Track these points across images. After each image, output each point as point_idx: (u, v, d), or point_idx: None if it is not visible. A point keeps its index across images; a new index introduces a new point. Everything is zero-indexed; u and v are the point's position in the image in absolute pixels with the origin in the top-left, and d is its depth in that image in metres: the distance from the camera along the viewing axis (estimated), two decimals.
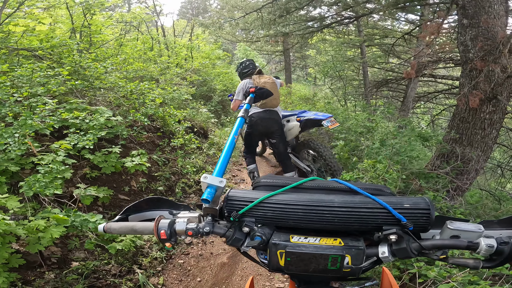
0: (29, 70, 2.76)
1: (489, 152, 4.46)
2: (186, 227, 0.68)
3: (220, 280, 2.22)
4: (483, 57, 3.87)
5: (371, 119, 4.37)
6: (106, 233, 0.73)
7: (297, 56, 14.97)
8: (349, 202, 0.64)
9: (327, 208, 0.63)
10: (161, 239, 0.67)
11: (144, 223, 0.72)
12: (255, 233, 0.64)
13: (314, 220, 0.64)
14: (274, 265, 0.64)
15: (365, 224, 0.63)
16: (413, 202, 0.63)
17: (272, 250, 0.63)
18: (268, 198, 0.66)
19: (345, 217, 0.63)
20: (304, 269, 0.62)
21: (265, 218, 0.66)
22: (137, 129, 3.45)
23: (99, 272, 1.97)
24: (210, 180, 0.71)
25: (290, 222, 0.65)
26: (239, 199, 0.68)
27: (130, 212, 0.80)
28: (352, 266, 0.61)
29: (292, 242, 0.63)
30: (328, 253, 0.60)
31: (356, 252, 0.61)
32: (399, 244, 0.61)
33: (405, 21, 9.46)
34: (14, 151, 2.03)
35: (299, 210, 0.64)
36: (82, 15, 5.00)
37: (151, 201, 0.80)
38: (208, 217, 0.70)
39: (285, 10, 5.40)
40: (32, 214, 1.92)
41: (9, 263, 1.62)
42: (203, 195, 0.69)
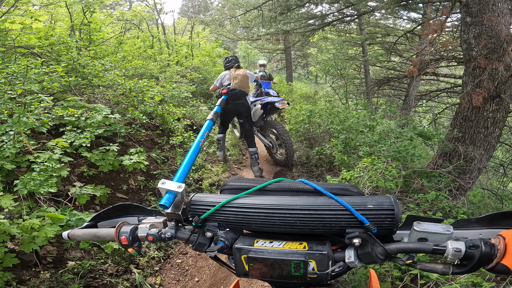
0: (23, 67, 2.73)
1: (492, 151, 4.42)
2: (147, 233, 0.67)
3: (219, 281, 2.18)
4: (486, 55, 3.82)
5: (372, 118, 4.32)
6: (70, 240, 0.74)
7: (298, 55, 14.91)
8: (311, 203, 0.60)
9: (289, 211, 0.60)
10: (123, 244, 0.66)
11: (107, 229, 0.71)
12: (218, 237, 0.63)
13: (277, 224, 0.61)
14: (240, 270, 0.62)
15: (328, 227, 0.59)
16: (377, 202, 0.59)
17: (237, 255, 0.61)
18: (230, 202, 0.64)
19: (308, 220, 0.59)
20: (268, 275, 0.59)
21: (228, 223, 0.64)
22: (135, 127, 3.42)
23: (96, 272, 1.94)
24: (168, 185, 0.68)
25: (253, 226, 0.63)
26: (202, 203, 0.66)
27: (98, 219, 0.79)
28: (318, 272, 0.57)
29: (256, 247, 0.60)
30: (290, 259, 0.56)
31: (320, 257, 0.57)
32: (363, 249, 0.57)
33: (407, 19, 9.40)
34: (9, 149, 2.00)
35: (261, 214, 0.62)
36: (81, 13, 4.97)
37: (121, 208, 0.79)
38: (172, 222, 0.68)
39: (286, 7, 5.35)
40: (27, 213, 1.89)
41: (3, 262, 1.59)
42: (161, 200, 0.67)
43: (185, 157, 0.89)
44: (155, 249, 2.35)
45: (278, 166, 4.32)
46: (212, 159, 4.27)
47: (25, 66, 2.70)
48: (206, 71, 7.49)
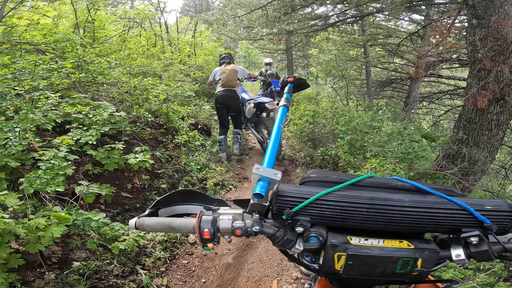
0: (31, 63, 2.69)
1: (495, 153, 4.42)
2: (232, 226, 0.60)
3: (226, 282, 2.15)
4: (492, 57, 3.80)
5: (376, 119, 4.31)
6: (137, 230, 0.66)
7: (299, 55, 14.90)
8: (421, 202, 0.58)
9: (396, 207, 0.58)
10: (204, 238, 0.59)
11: (183, 220, 0.63)
12: (310, 233, 0.58)
13: (380, 220, 0.58)
14: (327, 268, 0.58)
15: (440, 226, 0.59)
16: (494, 204, 0.59)
17: (329, 253, 0.57)
18: (325, 195, 0.59)
19: (418, 218, 0.58)
20: (367, 273, 0.57)
21: (322, 217, 0.59)
22: (140, 125, 3.38)
23: (101, 273, 1.91)
24: (263, 172, 0.61)
25: (350, 222, 0.59)
26: (291, 195, 0.60)
27: (160, 206, 0.72)
28: (423, 270, 0.56)
29: (353, 244, 0.57)
30: (399, 256, 0.55)
31: (429, 255, 0.56)
32: (479, 247, 0.57)
33: (409, 21, 9.40)
34: (15, 146, 1.96)
35: (362, 209, 0.58)
36: (86, 11, 4.93)
37: (183, 194, 0.72)
38: (255, 215, 0.61)
39: (291, 7, 5.33)
40: (32, 212, 1.86)
41: (8, 263, 1.55)
42: (255, 189, 0.60)
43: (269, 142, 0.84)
44: (161, 249, 2.31)
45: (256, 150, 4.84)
46: (215, 158, 4.23)
47: (33, 62, 2.66)
48: (209, 71, 7.47)
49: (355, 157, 3.61)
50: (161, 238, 2.38)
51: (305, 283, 1.30)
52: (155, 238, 2.38)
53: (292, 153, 4.72)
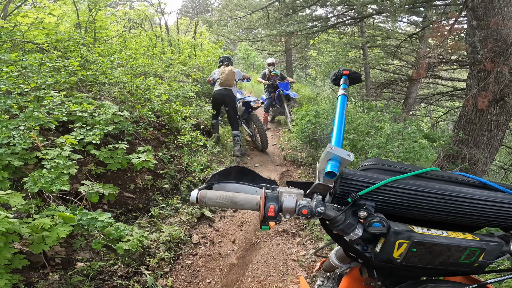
0: (38, 61, 2.67)
1: (495, 154, 4.44)
2: (297, 205, 0.59)
3: (230, 282, 2.14)
4: (492, 58, 3.83)
5: (377, 119, 4.32)
6: (198, 203, 0.63)
7: (298, 57, 14.93)
8: (492, 197, 0.60)
9: (468, 200, 0.59)
10: (268, 216, 0.58)
11: (247, 195, 0.62)
12: (373, 219, 0.57)
13: (449, 212, 0.59)
14: (384, 256, 0.58)
15: (506, 221, 0.61)
16: None
17: (390, 240, 0.56)
18: (393, 182, 0.59)
19: (488, 212, 0.59)
20: (429, 262, 0.57)
21: (386, 204, 0.60)
22: (143, 125, 3.37)
23: (105, 273, 1.89)
24: (336, 151, 0.59)
25: (415, 211, 0.60)
26: (357, 179, 0.60)
27: (215, 181, 0.71)
28: (485, 261, 0.58)
29: (417, 232, 0.57)
30: (466, 245, 0.56)
31: (494, 247, 0.58)
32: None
33: (408, 22, 9.45)
34: (20, 145, 1.94)
35: (432, 199, 0.59)
36: (87, 11, 4.92)
37: (238, 171, 0.72)
38: (318, 196, 0.61)
39: (292, 8, 5.34)
40: (36, 212, 1.84)
41: (12, 264, 1.53)
42: (327, 167, 0.58)
43: (334, 122, 0.83)
44: (164, 249, 2.30)
45: (257, 150, 5.16)
46: (217, 159, 4.22)
47: (40, 60, 2.64)
48: (209, 71, 7.46)
49: (357, 157, 3.61)
50: (164, 239, 2.37)
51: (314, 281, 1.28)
52: (159, 238, 2.36)
53: (294, 154, 4.71)
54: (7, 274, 1.50)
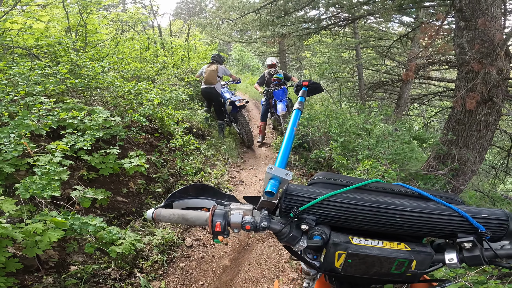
0: (26, 68, 2.68)
1: (484, 154, 4.51)
2: (242, 220, 0.63)
3: (223, 284, 2.17)
4: (480, 59, 3.88)
5: (369, 121, 4.38)
6: (154, 221, 0.68)
7: (293, 58, 15.01)
8: (422, 207, 0.62)
9: (398, 212, 0.61)
10: (215, 231, 0.63)
11: (197, 212, 0.67)
12: (314, 232, 0.61)
13: (382, 223, 0.62)
14: (327, 266, 0.61)
15: (437, 231, 0.63)
16: (491, 213, 0.63)
17: (330, 251, 0.60)
18: (331, 196, 0.63)
19: (417, 223, 0.62)
20: (364, 272, 0.60)
21: (326, 217, 0.63)
22: (135, 130, 3.38)
23: (99, 276, 1.91)
24: (275, 171, 0.64)
25: (353, 223, 0.63)
26: (299, 194, 0.63)
27: (175, 198, 0.75)
28: (416, 271, 0.60)
29: (354, 243, 0.60)
30: (395, 257, 0.59)
31: (424, 257, 0.60)
32: (471, 252, 0.61)
33: (400, 23, 9.56)
34: (11, 152, 1.96)
35: (366, 212, 0.62)
36: (77, 14, 4.91)
37: (196, 188, 0.76)
38: (264, 211, 0.65)
39: (284, 10, 5.39)
40: (28, 217, 1.85)
41: (7, 267, 1.56)
42: (267, 187, 0.63)
43: (282, 144, 0.86)
44: (158, 252, 2.32)
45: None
46: (210, 162, 4.25)
47: (29, 67, 2.65)
48: None
49: (348, 159, 3.67)
50: (157, 242, 2.39)
51: (303, 282, 1.33)
52: (152, 242, 2.39)
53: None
54: (2, 277, 1.53)
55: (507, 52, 4.01)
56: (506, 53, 4.00)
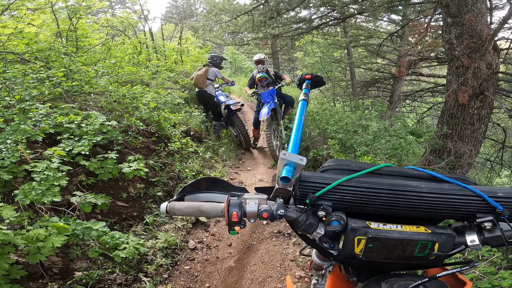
0: (21, 72, 2.63)
1: (479, 147, 4.58)
2: (258, 209, 0.62)
3: (230, 285, 2.15)
4: (469, 54, 3.96)
5: (364, 117, 4.42)
6: (168, 214, 0.67)
7: (285, 59, 15.10)
8: (438, 188, 0.61)
9: (415, 194, 0.61)
10: (232, 221, 0.62)
11: (212, 204, 0.66)
12: (331, 218, 0.60)
13: (399, 206, 0.61)
14: (346, 252, 0.60)
15: (455, 212, 0.62)
16: (506, 192, 0.62)
17: (349, 236, 0.59)
18: (347, 181, 0.62)
19: (435, 204, 0.61)
20: (386, 256, 0.59)
21: (343, 202, 0.62)
22: (132, 134, 3.34)
23: (104, 282, 1.87)
24: (290, 157, 0.63)
25: (370, 207, 0.62)
26: (314, 181, 0.62)
27: (186, 192, 0.74)
28: (440, 254, 0.59)
29: (373, 228, 0.59)
30: (417, 239, 0.58)
31: (446, 239, 0.59)
32: (492, 232, 0.60)
33: (388, 21, 9.71)
34: (8, 158, 1.91)
35: (382, 194, 0.61)
36: (67, 19, 4.85)
37: (208, 181, 0.75)
38: (279, 200, 0.64)
39: (276, 11, 5.42)
40: (29, 223, 1.81)
41: (11, 274, 1.52)
42: (282, 173, 0.62)
43: (292, 130, 0.86)
44: (162, 256, 2.29)
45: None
46: (209, 164, 4.23)
47: (23, 71, 2.60)
48: None
49: (347, 156, 3.69)
50: (161, 245, 2.36)
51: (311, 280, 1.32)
52: (155, 245, 2.35)
53: None
54: (7, 285, 1.49)
55: (495, 47, 4.10)
56: (495, 48, 4.08)
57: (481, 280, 1.51)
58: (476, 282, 1.53)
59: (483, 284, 1.43)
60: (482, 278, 1.53)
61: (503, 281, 1.37)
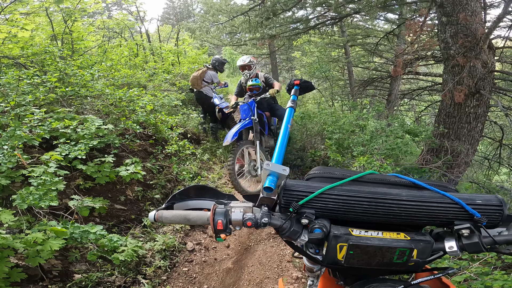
0: (15, 78, 2.64)
1: (476, 145, 4.59)
2: (243, 217, 0.64)
3: (228, 286, 2.17)
4: (464, 53, 3.97)
5: (361, 117, 4.44)
6: (156, 222, 0.69)
7: (283, 58, 15.11)
8: (418, 196, 0.63)
9: (395, 201, 0.62)
10: (217, 229, 0.63)
11: (198, 212, 0.67)
12: (314, 225, 0.62)
13: (380, 213, 0.62)
14: (330, 259, 0.62)
15: (434, 219, 0.63)
16: (485, 199, 0.63)
17: (332, 243, 0.61)
18: (329, 189, 0.63)
19: (414, 211, 0.62)
20: (367, 263, 0.61)
21: (326, 210, 0.63)
22: (129, 137, 3.36)
23: (103, 284, 1.89)
24: (273, 167, 0.66)
25: (351, 215, 0.63)
26: (297, 189, 0.64)
27: (175, 200, 0.75)
28: (418, 260, 0.60)
29: (354, 235, 0.61)
30: (396, 246, 0.59)
31: (424, 246, 0.60)
32: (470, 239, 0.61)
33: (384, 20, 9.73)
34: (5, 164, 1.93)
35: (364, 203, 0.62)
36: (62, 22, 4.85)
37: (196, 189, 0.76)
38: (264, 208, 0.66)
39: (272, 12, 5.43)
40: (27, 227, 1.83)
41: (11, 277, 1.55)
42: (266, 183, 0.65)
43: (278, 141, 0.87)
44: (160, 258, 2.31)
45: None
46: (207, 166, 4.24)
47: (17, 77, 2.61)
48: None
49: (344, 156, 3.71)
50: (159, 247, 2.38)
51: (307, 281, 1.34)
52: (154, 248, 2.37)
53: None
54: (7, 287, 1.51)
55: (490, 46, 4.12)
56: (490, 47, 4.10)
57: (475, 281, 1.52)
58: (471, 282, 1.54)
59: (476, 285, 1.44)
60: (477, 279, 1.53)
61: (495, 282, 1.38)
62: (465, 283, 1.55)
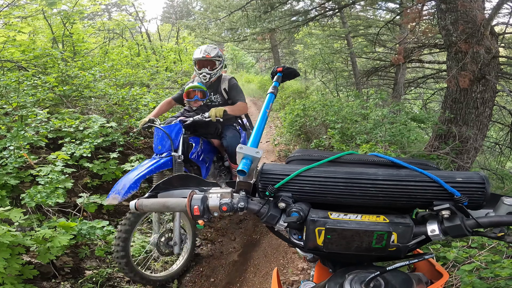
0: (14, 80, 2.70)
1: (485, 130, 4.51)
2: (220, 202, 0.63)
3: (234, 278, 2.20)
4: (466, 39, 3.90)
5: (365, 106, 4.41)
6: (137, 211, 0.69)
7: (286, 52, 15.03)
8: (394, 175, 0.59)
9: (371, 181, 0.59)
10: (194, 215, 0.63)
11: (177, 199, 0.67)
12: (291, 209, 0.60)
13: (356, 194, 0.59)
14: (310, 244, 0.59)
15: (413, 199, 0.59)
16: (466, 176, 0.58)
17: (310, 228, 0.58)
18: (305, 171, 0.61)
19: (391, 191, 0.58)
20: (346, 248, 0.57)
21: (302, 193, 0.61)
22: (133, 135, 3.40)
23: (114, 280, 1.94)
24: (245, 150, 0.65)
25: (329, 197, 0.61)
26: (274, 172, 0.63)
27: (159, 190, 0.75)
28: (399, 245, 0.56)
29: (332, 218, 0.58)
30: (373, 230, 0.55)
31: (404, 229, 0.56)
32: (452, 221, 0.56)
33: (385, 9, 9.58)
34: (11, 163, 1.98)
35: (339, 184, 0.60)
36: (61, 25, 4.90)
37: (180, 178, 0.76)
38: (242, 192, 0.65)
39: (269, 5, 5.40)
40: (37, 225, 1.89)
41: (23, 274, 1.60)
42: (239, 166, 0.64)
43: (255, 125, 0.86)
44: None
45: None
46: None
47: (17, 79, 2.67)
48: None
49: (348, 145, 3.69)
50: None
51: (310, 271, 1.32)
52: None
53: (287, 149, 4.78)
54: (20, 285, 1.56)
55: (492, 32, 4.03)
56: (492, 33, 4.02)
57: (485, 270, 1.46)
58: (481, 271, 1.50)
59: (486, 274, 1.41)
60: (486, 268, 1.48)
61: (502, 271, 1.34)
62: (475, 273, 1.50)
